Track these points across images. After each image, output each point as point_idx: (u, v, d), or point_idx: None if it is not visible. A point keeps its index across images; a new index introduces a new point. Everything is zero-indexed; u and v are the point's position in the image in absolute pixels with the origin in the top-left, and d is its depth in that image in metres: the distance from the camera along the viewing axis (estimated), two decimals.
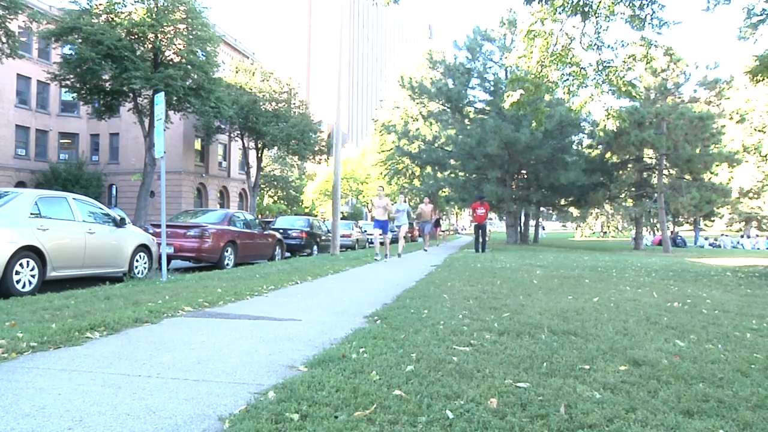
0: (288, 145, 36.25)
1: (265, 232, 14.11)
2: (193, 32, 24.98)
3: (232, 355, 3.24)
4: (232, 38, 42.18)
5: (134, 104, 25.30)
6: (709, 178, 25.79)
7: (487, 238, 17.75)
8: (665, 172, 25.65)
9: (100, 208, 8.81)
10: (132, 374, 2.80)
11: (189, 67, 24.75)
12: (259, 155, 37.80)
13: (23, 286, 6.71)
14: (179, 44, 24.62)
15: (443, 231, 26.28)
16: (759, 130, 31.98)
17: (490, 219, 69.09)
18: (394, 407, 2.27)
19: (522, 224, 30.92)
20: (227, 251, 11.73)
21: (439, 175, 31.54)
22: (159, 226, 9.04)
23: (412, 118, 34.69)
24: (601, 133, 25.72)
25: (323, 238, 18.10)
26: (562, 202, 28.48)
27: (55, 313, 4.70)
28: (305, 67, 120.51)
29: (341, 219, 18.66)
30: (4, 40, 20.09)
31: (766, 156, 31.96)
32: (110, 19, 23.62)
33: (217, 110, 26.74)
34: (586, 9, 9.45)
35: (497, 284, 7.14)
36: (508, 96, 10.79)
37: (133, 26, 23.24)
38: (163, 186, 8.34)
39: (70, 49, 24.40)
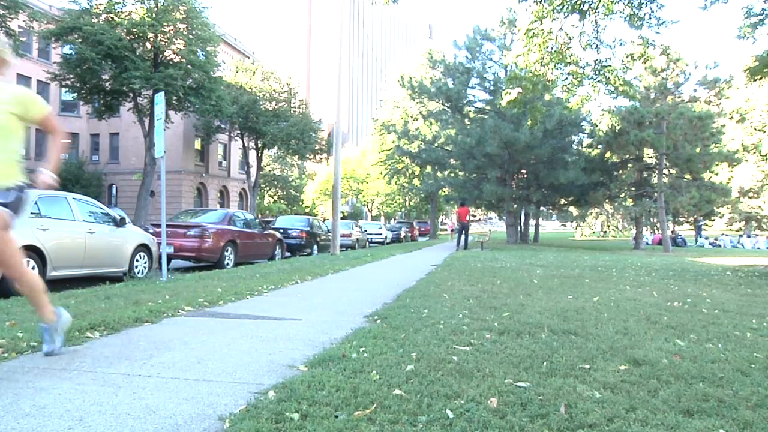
0: (288, 145, 36.25)
1: (265, 232, 14.10)
2: (193, 32, 24.99)
3: (232, 355, 3.24)
4: (232, 38, 42.18)
5: (134, 104, 25.29)
6: (709, 178, 25.74)
7: (469, 238, 19.80)
8: (665, 171, 25.62)
9: (100, 208, 8.81)
10: (132, 374, 2.80)
11: (189, 66, 24.74)
12: (259, 155, 37.78)
13: None
14: (179, 44, 24.62)
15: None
16: (759, 130, 31.88)
17: (490, 218, 69.80)
18: (394, 407, 2.27)
19: (522, 224, 30.87)
20: (227, 251, 11.73)
21: (438, 174, 31.54)
22: (159, 225, 9.03)
23: (412, 117, 34.66)
24: (601, 133, 25.71)
25: (323, 237, 18.09)
26: (562, 201, 28.46)
27: None
28: (305, 67, 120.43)
29: (341, 218, 18.67)
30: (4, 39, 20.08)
31: (766, 155, 31.87)
32: (110, 19, 23.61)
33: (218, 108, 26.73)
34: (584, 8, 9.45)
35: (497, 284, 7.14)
36: (505, 94, 10.80)
37: (133, 26, 23.24)
38: (163, 186, 8.34)
39: (70, 48, 24.39)
